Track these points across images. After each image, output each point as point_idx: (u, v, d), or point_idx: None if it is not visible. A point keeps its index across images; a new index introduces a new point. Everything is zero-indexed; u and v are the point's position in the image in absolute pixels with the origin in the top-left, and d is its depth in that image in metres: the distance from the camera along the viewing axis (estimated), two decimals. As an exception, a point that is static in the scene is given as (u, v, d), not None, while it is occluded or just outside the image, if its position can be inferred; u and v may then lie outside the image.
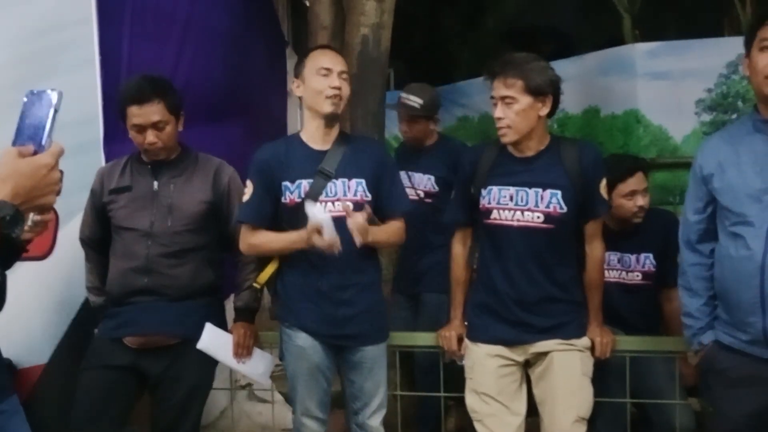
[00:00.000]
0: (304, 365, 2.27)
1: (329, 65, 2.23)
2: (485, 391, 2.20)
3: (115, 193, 2.39)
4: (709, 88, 5.27)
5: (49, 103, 1.17)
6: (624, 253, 2.66)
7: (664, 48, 5.47)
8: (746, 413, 1.93)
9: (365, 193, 2.23)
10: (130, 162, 2.43)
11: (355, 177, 2.23)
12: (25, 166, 1.13)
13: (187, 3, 2.99)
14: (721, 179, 1.96)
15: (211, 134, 2.95)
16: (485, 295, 2.25)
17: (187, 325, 2.35)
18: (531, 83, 2.09)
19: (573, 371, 2.16)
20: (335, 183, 2.21)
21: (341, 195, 2.21)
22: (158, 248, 2.31)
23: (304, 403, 2.29)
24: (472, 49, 8.71)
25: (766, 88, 1.87)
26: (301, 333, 2.26)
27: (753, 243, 1.87)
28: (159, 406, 2.40)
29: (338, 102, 2.23)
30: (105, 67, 2.62)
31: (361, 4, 3.01)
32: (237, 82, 3.33)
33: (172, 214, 2.34)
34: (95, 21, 2.59)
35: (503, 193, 2.17)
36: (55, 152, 1.16)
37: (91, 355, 2.37)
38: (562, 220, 2.13)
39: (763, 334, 1.88)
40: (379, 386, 2.32)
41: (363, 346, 2.29)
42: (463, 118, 7.08)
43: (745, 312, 1.90)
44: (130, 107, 2.29)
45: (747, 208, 1.89)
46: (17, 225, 1.12)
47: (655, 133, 5.42)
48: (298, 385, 2.30)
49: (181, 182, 2.39)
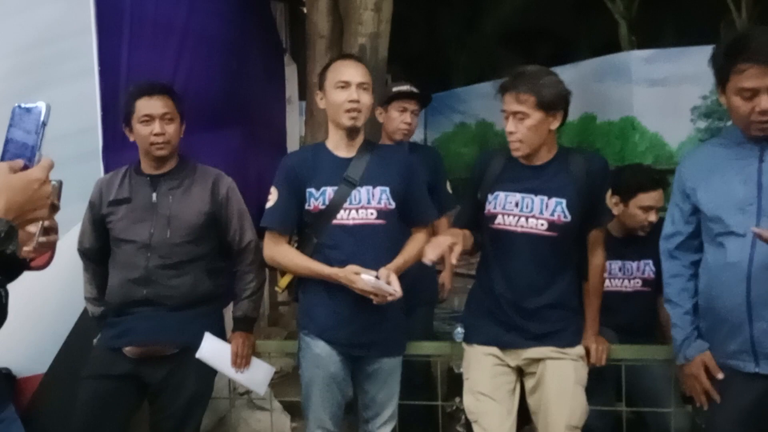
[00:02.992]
0: (320, 374, 2.26)
1: (347, 78, 2.21)
2: (480, 389, 2.21)
3: (114, 204, 2.39)
4: (704, 95, 5.31)
5: (37, 116, 1.16)
6: (626, 261, 2.68)
7: (659, 55, 5.51)
8: (736, 424, 1.95)
9: (389, 201, 2.24)
10: (128, 173, 2.44)
11: (380, 185, 2.24)
12: (16, 181, 1.12)
13: (186, 12, 3.00)
14: (706, 190, 1.97)
15: (210, 142, 2.95)
16: (483, 298, 2.26)
17: (187, 335, 2.35)
18: (543, 99, 2.08)
19: (566, 380, 2.17)
20: (359, 191, 2.22)
21: (365, 203, 2.22)
22: (157, 260, 2.32)
23: (318, 412, 2.28)
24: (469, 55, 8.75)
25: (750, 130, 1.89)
26: (320, 341, 2.25)
27: (739, 252, 1.89)
28: (158, 415, 2.39)
29: (357, 115, 2.22)
30: (104, 77, 2.63)
31: (359, 14, 3.04)
32: (235, 90, 3.34)
33: (171, 225, 2.34)
34: (94, 31, 2.60)
35: (509, 199, 2.18)
36: (45, 166, 1.15)
37: (90, 365, 2.37)
38: (566, 228, 2.15)
39: (750, 344, 1.90)
40: (392, 398, 2.33)
41: (380, 358, 2.28)
42: (461, 124, 7.12)
43: (732, 322, 1.92)
44: (140, 100, 2.33)
45: (732, 219, 1.91)
46: (11, 241, 1.11)
47: (651, 139, 5.46)
48: (312, 394, 2.28)
49: (180, 193, 2.39)
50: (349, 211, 2.20)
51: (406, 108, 3.01)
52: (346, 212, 2.19)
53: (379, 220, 2.21)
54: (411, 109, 3.03)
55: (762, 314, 1.87)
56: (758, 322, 1.88)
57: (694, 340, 2.04)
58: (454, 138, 7.22)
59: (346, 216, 2.20)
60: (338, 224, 2.20)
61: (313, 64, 3.84)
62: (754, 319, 1.88)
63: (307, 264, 2.22)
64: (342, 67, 2.25)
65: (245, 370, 2.45)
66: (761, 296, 1.86)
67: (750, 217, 1.88)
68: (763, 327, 1.88)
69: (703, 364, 2.01)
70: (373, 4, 3.37)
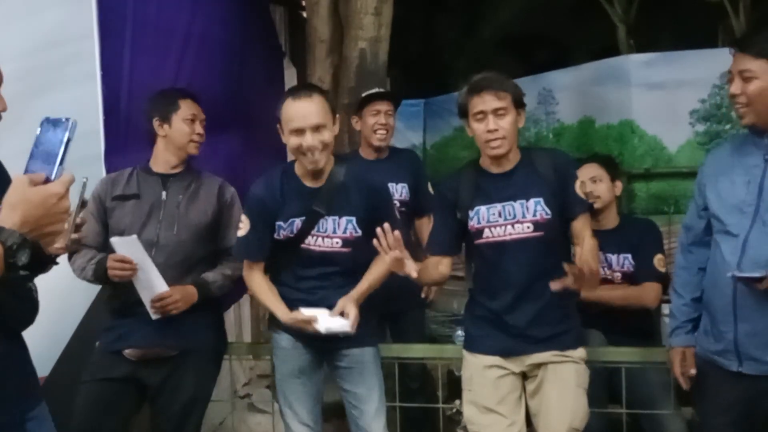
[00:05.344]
0: (289, 368, 2.33)
1: (299, 124, 2.18)
2: (485, 403, 2.22)
3: (119, 199, 2.40)
4: (703, 98, 5.32)
5: (63, 131, 1.17)
6: (606, 253, 2.74)
7: (658, 59, 5.52)
8: (723, 425, 1.99)
9: (355, 229, 2.29)
10: (135, 172, 2.46)
11: (345, 215, 2.28)
12: (34, 194, 1.13)
13: (187, 17, 3.02)
14: (713, 188, 2.01)
15: (210, 146, 2.96)
16: (482, 310, 2.28)
17: (186, 337, 2.36)
18: (516, 96, 2.18)
19: (568, 383, 2.18)
20: (326, 219, 2.28)
21: (331, 232, 2.28)
22: (162, 257, 2.33)
23: (293, 407, 2.33)
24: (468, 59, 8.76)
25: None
26: (285, 335, 2.33)
27: (730, 253, 1.92)
28: (158, 417, 2.41)
29: (318, 157, 2.20)
30: (106, 81, 2.65)
31: (359, 18, 3.06)
32: (235, 94, 3.35)
33: (179, 223, 2.38)
34: (97, 36, 2.62)
35: (492, 211, 2.21)
36: (65, 181, 1.16)
37: (90, 369, 2.39)
38: (550, 225, 2.18)
39: (734, 344, 1.92)
40: (373, 390, 2.34)
41: (348, 349, 2.31)
42: (460, 128, 7.10)
43: (719, 321, 1.96)
44: (185, 99, 2.45)
45: (730, 218, 1.95)
46: (23, 253, 1.12)
47: (649, 143, 5.47)
48: (286, 389, 2.34)
49: (189, 193, 2.44)
50: (316, 237, 2.28)
51: (379, 110, 3.06)
52: (313, 238, 2.28)
53: (345, 248, 2.28)
54: (384, 110, 3.07)
55: (746, 316, 1.90)
56: (742, 323, 1.91)
57: (684, 333, 2.11)
58: (453, 142, 7.22)
59: (313, 242, 2.28)
60: (306, 248, 2.27)
61: (313, 68, 3.86)
62: (739, 320, 1.91)
63: (269, 304, 2.30)
64: (293, 109, 2.20)
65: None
66: (747, 298, 1.89)
67: (747, 219, 1.91)
68: (746, 329, 1.90)
69: (682, 354, 2.11)
70: (374, 8, 3.39)
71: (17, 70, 2.50)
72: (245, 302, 3.97)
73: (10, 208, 1.13)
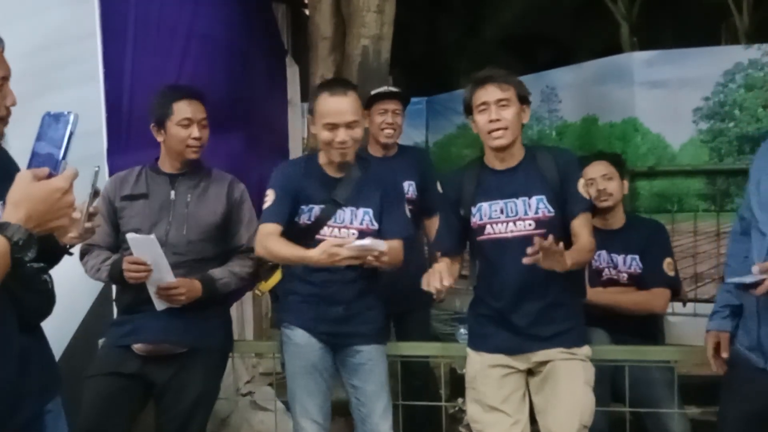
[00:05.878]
0: (300, 363, 2.32)
1: (333, 120, 2.23)
2: (489, 402, 2.22)
3: (128, 199, 2.40)
4: (706, 96, 5.32)
5: (65, 125, 1.17)
6: (612, 254, 2.72)
7: (661, 57, 5.52)
8: (740, 418, 1.97)
9: (371, 222, 2.31)
10: (144, 171, 2.45)
11: (363, 207, 2.31)
12: (38, 190, 1.13)
13: (189, 16, 3.02)
14: (759, 182, 1.98)
15: (213, 144, 2.97)
16: (486, 308, 2.28)
17: (195, 335, 2.36)
18: (520, 91, 2.20)
19: (576, 380, 2.18)
20: (344, 210, 2.30)
21: (348, 222, 2.30)
22: (171, 257, 2.32)
23: (303, 403, 2.32)
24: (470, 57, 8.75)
25: None
26: (298, 330, 2.32)
27: (757, 251, 1.90)
28: (164, 415, 2.40)
29: (346, 151, 2.25)
30: (108, 81, 2.66)
31: (362, 16, 3.06)
32: (238, 92, 3.35)
33: (188, 222, 2.37)
34: (99, 36, 2.63)
35: (494, 208, 2.22)
36: (69, 176, 1.16)
37: (98, 362, 2.38)
38: (552, 223, 2.18)
39: (757, 342, 1.91)
40: (381, 389, 2.34)
41: (359, 345, 2.32)
42: (463, 126, 7.10)
43: (748, 317, 1.95)
44: (178, 102, 2.35)
45: (762, 215, 1.92)
46: (30, 249, 1.12)
47: (653, 141, 5.47)
48: (296, 385, 2.33)
49: (198, 193, 2.42)
50: (332, 228, 2.29)
51: (387, 109, 3.06)
52: (329, 229, 2.29)
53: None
54: (392, 109, 3.07)
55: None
56: (765, 326, 1.89)
57: (721, 318, 2.10)
58: (456, 140, 7.22)
59: (329, 233, 2.28)
60: (321, 239, 2.24)
61: (315, 66, 3.86)
62: (762, 321, 1.90)
63: (296, 252, 2.20)
64: (329, 105, 2.24)
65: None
66: None
67: None
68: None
69: (716, 339, 2.09)
70: (376, 6, 3.39)
71: (20, 70, 2.50)
72: (248, 300, 3.97)
73: (14, 204, 1.13)
